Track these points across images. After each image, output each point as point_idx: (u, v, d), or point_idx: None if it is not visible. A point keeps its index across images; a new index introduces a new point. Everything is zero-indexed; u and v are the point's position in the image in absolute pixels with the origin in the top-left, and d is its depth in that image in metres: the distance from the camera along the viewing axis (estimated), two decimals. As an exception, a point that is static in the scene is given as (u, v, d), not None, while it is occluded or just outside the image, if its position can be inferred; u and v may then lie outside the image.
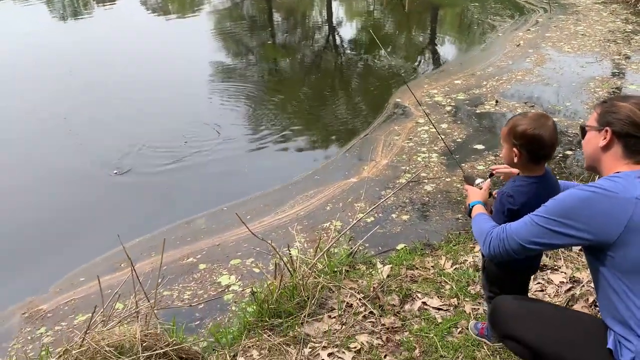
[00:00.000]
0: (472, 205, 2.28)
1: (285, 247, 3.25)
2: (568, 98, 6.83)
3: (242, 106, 7.28)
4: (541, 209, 1.90)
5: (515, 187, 2.18)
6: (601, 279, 1.86)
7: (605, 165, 1.92)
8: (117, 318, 2.79)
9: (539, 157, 2.14)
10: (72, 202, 4.94)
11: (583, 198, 1.79)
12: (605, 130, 1.88)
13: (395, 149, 5.61)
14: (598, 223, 1.75)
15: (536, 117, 2.14)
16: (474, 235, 2.18)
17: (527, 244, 1.90)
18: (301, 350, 2.67)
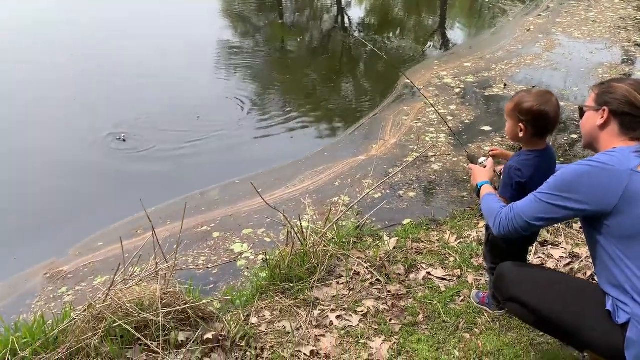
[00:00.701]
0: (480, 185, 2.39)
1: (295, 218, 3.38)
2: (576, 83, 6.89)
3: (251, 86, 7.38)
4: (543, 186, 2.02)
5: (522, 161, 2.30)
6: (598, 248, 1.99)
7: (602, 142, 2.05)
8: (137, 278, 2.93)
9: (542, 131, 2.27)
10: (90, 171, 5.07)
11: (582, 172, 1.92)
12: (602, 109, 2.01)
13: (404, 128, 5.71)
14: (596, 194, 1.88)
15: (541, 93, 2.25)
16: (483, 214, 2.29)
17: (533, 221, 2.02)
18: (311, 312, 2.82)
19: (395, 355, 2.53)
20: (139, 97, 6.79)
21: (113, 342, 2.42)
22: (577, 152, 5.10)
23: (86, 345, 2.41)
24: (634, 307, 1.89)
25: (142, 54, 8.58)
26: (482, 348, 2.55)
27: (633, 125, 1.96)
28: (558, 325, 2.11)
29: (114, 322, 2.46)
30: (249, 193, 4.43)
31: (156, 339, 2.48)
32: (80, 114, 6.26)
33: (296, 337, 2.63)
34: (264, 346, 2.58)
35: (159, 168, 5.10)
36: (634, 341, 1.89)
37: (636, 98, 1.94)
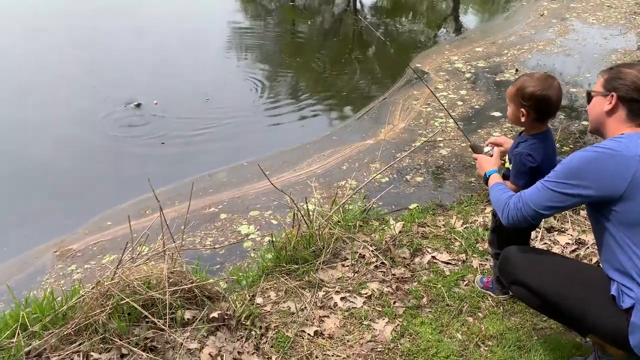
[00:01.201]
0: (489, 174, 2.37)
1: (302, 201, 3.39)
2: (588, 69, 6.81)
3: (260, 69, 7.36)
4: (551, 174, 2.01)
5: (531, 146, 2.28)
6: (605, 234, 1.98)
7: (609, 128, 2.03)
8: (145, 257, 2.97)
9: (544, 116, 2.26)
10: (100, 152, 5.10)
11: (590, 158, 1.91)
12: (611, 95, 1.99)
13: (413, 113, 5.69)
14: (604, 180, 1.87)
15: (543, 78, 2.23)
16: (492, 204, 2.28)
17: (542, 210, 2.02)
18: (315, 293, 2.84)
19: (399, 337, 2.56)
20: (149, 78, 6.80)
21: (120, 319, 2.46)
22: (589, 139, 5.06)
23: (94, 321, 2.45)
24: (639, 292, 1.89)
25: (152, 34, 8.57)
26: (485, 332, 2.57)
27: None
28: (562, 309, 2.12)
29: (121, 300, 2.50)
30: (257, 175, 4.45)
31: (163, 316, 2.52)
32: (91, 94, 6.28)
33: (300, 318, 2.66)
34: (269, 326, 2.61)
35: (168, 150, 5.12)
36: (638, 326, 1.90)
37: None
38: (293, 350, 2.48)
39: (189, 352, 2.44)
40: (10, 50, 7.73)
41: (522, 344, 2.47)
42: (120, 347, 2.41)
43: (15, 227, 3.97)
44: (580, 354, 2.39)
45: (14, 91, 6.39)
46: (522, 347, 2.46)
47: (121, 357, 2.40)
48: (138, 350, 2.40)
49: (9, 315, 2.50)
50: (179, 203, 4.13)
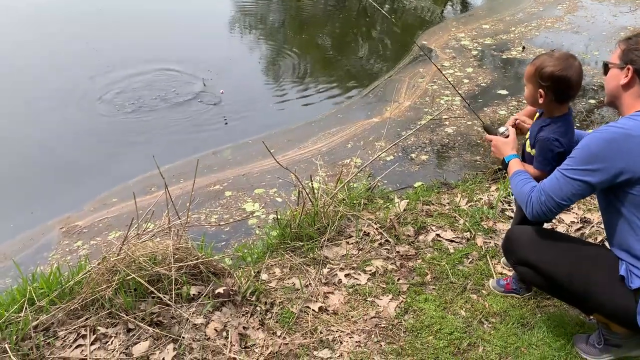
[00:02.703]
0: (508, 160, 2.26)
1: (307, 179, 3.39)
2: (597, 47, 6.72)
3: (265, 46, 7.30)
4: (569, 161, 1.94)
5: (557, 131, 2.18)
6: (616, 216, 1.95)
7: (625, 103, 1.95)
8: (150, 234, 2.98)
9: (564, 97, 2.15)
10: (105, 129, 5.08)
11: (608, 139, 1.84)
12: (627, 68, 1.90)
13: (419, 91, 5.65)
14: (624, 161, 1.82)
15: (563, 57, 2.12)
16: (514, 195, 2.21)
17: (566, 201, 1.95)
18: (320, 270, 2.86)
19: (402, 314, 2.57)
20: (152, 55, 6.75)
21: (126, 294, 2.48)
22: (596, 118, 5.03)
23: (100, 296, 2.48)
24: None
25: (153, 14, 8.49)
26: (489, 309, 2.58)
27: None
28: (569, 289, 2.11)
29: (127, 275, 2.52)
30: (262, 153, 4.44)
31: (168, 292, 2.54)
32: (98, 72, 6.24)
33: (305, 294, 2.68)
34: (274, 301, 2.63)
35: (174, 128, 5.10)
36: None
37: None
38: (298, 326, 2.50)
39: (194, 327, 2.47)
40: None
41: (526, 321, 2.48)
42: (126, 322, 2.44)
43: (22, 205, 3.99)
44: (583, 331, 2.40)
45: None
46: (526, 324, 2.47)
47: (127, 331, 2.43)
48: (144, 325, 2.43)
49: (16, 290, 2.53)
50: (184, 181, 4.13)
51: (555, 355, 2.28)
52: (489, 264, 2.89)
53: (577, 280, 2.07)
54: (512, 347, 2.35)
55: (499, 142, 2.33)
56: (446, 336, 2.42)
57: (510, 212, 3.37)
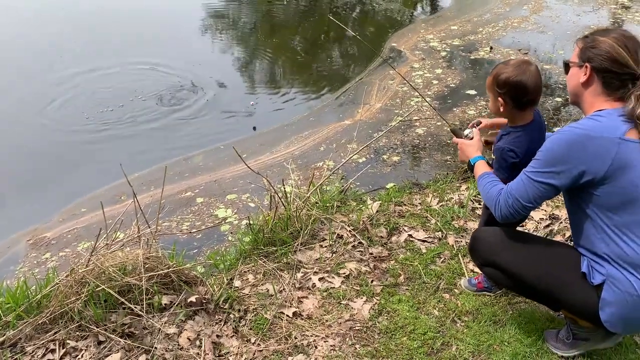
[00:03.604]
0: (474, 162, 2.29)
1: (279, 184, 3.37)
2: (562, 46, 6.87)
3: (236, 49, 7.26)
4: (534, 164, 1.96)
5: (513, 141, 2.19)
6: (580, 215, 1.98)
7: (586, 101, 1.98)
8: (120, 243, 2.94)
9: (523, 103, 2.16)
10: (72, 137, 4.98)
11: (570, 142, 1.86)
12: (585, 66, 1.93)
13: (390, 93, 5.69)
14: (586, 163, 1.84)
15: (518, 63, 2.14)
16: (482, 198, 2.23)
17: (532, 203, 1.98)
18: (294, 274, 2.85)
19: (377, 315, 2.58)
20: (118, 59, 6.65)
21: (96, 306, 2.44)
22: (563, 116, 5.14)
23: (69, 309, 2.42)
24: (609, 268, 1.93)
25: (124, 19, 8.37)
26: (461, 307, 2.61)
27: (616, 83, 1.88)
28: (534, 288, 2.15)
29: (97, 287, 2.47)
30: (234, 158, 4.41)
31: (139, 302, 2.50)
32: (63, 76, 6.12)
33: (279, 299, 2.67)
34: (247, 308, 2.62)
35: (143, 134, 5.03)
36: (608, 302, 1.94)
37: (619, 54, 1.85)
38: (272, 332, 2.49)
39: (167, 336, 2.43)
40: None
41: (498, 319, 2.52)
42: (97, 334, 2.40)
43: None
44: (553, 326, 2.44)
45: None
46: (498, 321, 2.50)
47: (98, 344, 2.39)
48: (115, 336, 2.38)
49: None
50: (155, 188, 4.08)
51: (527, 352, 2.32)
52: (460, 262, 2.93)
53: (542, 279, 2.11)
54: (485, 345, 2.37)
55: (464, 144, 2.36)
56: (420, 336, 2.43)
57: (480, 210, 3.42)
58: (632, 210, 1.84)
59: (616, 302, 1.92)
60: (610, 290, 1.93)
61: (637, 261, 1.87)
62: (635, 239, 1.86)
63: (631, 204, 1.84)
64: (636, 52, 1.86)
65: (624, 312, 1.92)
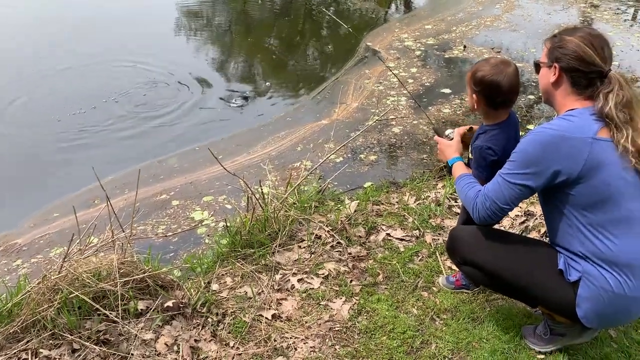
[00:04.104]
0: (451, 163, 2.29)
1: (256, 185, 3.35)
2: (534, 45, 6.97)
3: (211, 50, 7.19)
4: (509, 165, 1.97)
5: (490, 139, 2.20)
6: (555, 214, 2.00)
7: (557, 101, 2.00)
8: (94, 249, 2.87)
9: (496, 103, 2.17)
10: (43, 141, 4.86)
11: (543, 143, 1.87)
12: (554, 66, 1.94)
13: (366, 92, 5.70)
14: (560, 164, 1.85)
15: (496, 63, 2.14)
16: (460, 199, 2.23)
17: (508, 205, 1.99)
18: (272, 276, 2.83)
19: (356, 315, 2.57)
20: (96, 65, 6.53)
21: (70, 313, 2.38)
22: (536, 114, 5.21)
23: (42, 317, 2.36)
24: (585, 265, 1.95)
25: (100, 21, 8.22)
26: (440, 306, 2.62)
27: (584, 82, 1.90)
28: (511, 285, 2.17)
29: (70, 293, 2.41)
30: (210, 160, 4.35)
31: (115, 308, 2.45)
32: (29, 85, 5.97)
33: (258, 302, 2.64)
34: (226, 312, 2.58)
35: (117, 137, 4.94)
36: (584, 298, 1.96)
37: (585, 52, 1.86)
38: (251, 335, 2.46)
39: (144, 342, 2.39)
40: None
41: (476, 316, 2.53)
42: (71, 342, 2.34)
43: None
44: (530, 322, 2.47)
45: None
46: (476, 318, 2.52)
47: (73, 352, 2.33)
48: (90, 344, 2.33)
49: (-52, 316, 2.38)
50: (129, 191, 4.01)
51: (505, 348, 2.34)
52: (438, 260, 2.94)
53: (519, 277, 2.13)
54: (464, 342, 2.39)
55: (444, 144, 2.37)
56: (399, 335, 2.43)
57: (457, 208, 3.44)
58: (606, 208, 1.87)
59: (592, 298, 1.95)
60: (586, 287, 1.95)
61: (611, 258, 1.90)
62: (610, 237, 1.88)
63: (605, 203, 1.86)
64: (603, 50, 1.88)
65: (600, 307, 1.95)
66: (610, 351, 2.32)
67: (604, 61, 1.87)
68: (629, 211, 1.86)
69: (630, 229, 1.88)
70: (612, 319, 2.04)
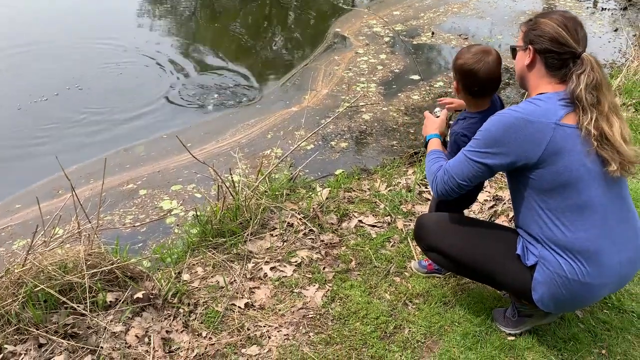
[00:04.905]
0: (428, 138, 2.31)
1: (227, 173, 3.30)
2: (500, 31, 7.05)
3: (176, 37, 7.03)
4: (473, 143, 2.00)
5: (466, 126, 2.21)
6: (519, 196, 2.04)
7: (531, 83, 2.01)
8: (59, 240, 2.79)
9: (473, 92, 2.17)
10: (3, 129, 4.69)
11: (507, 125, 1.89)
12: (528, 49, 1.97)
13: (335, 78, 5.67)
14: (522, 147, 1.88)
15: (477, 51, 2.13)
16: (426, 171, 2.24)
17: (465, 182, 2.02)
18: (245, 265, 2.80)
19: (329, 302, 2.57)
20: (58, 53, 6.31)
21: (35, 307, 2.31)
22: (505, 99, 5.27)
23: (6, 312, 2.28)
24: (541, 250, 1.99)
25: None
26: (412, 290, 2.64)
27: (557, 63, 1.91)
28: (474, 270, 2.22)
29: (35, 287, 2.33)
30: (178, 148, 4.28)
31: (82, 301, 2.39)
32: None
33: (230, 291, 2.61)
34: (197, 302, 2.55)
35: (80, 125, 4.79)
36: (540, 282, 2.01)
37: (559, 34, 1.88)
38: (224, 325, 2.44)
39: (113, 335, 2.34)
40: None
41: (447, 300, 2.56)
42: (37, 337, 2.27)
43: None
44: (500, 305, 2.51)
45: None
46: (448, 302, 2.55)
47: (39, 347, 2.26)
48: (58, 338, 2.27)
49: None
50: (94, 181, 3.91)
51: (476, 331, 2.37)
52: (410, 246, 2.96)
53: (481, 262, 2.17)
54: (436, 326, 2.42)
55: (428, 120, 2.41)
56: (373, 321, 2.45)
57: (428, 194, 3.47)
58: (565, 194, 1.89)
59: (546, 282, 1.99)
60: (542, 271, 1.99)
61: (566, 244, 1.93)
62: (566, 223, 1.91)
63: (564, 189, 1.89)
64: (576, 32, 1.90)
65: (554, 292, 1.98)
66: (578, 331, 2.38)
67: (577, 43, 1.89)
68: (588, 198, 1.89)
69: (587, 217, 1.91)
70: (567, 304, 2.08)
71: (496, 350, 2.29)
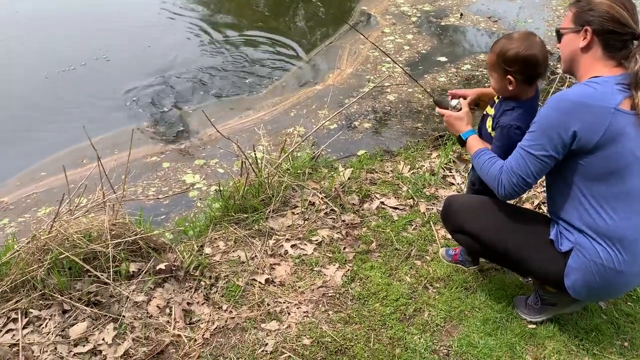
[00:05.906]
0: (466, 137, 2.21)
1: (250, 149, 3.29)
2: (530, 15, 6.88)
3: (201, 9, 6.99)
4: (530, 137, 1.90)
5: (519, 117, 2.09)
6: (559, 182, 1.97)
7: (583, 66, 1.92)
8: (84, 209, 2.82)
9: (532, 78, 2.07)
10: (30, 98, 4.73)
11: (564, 110, 1.82)
12: (585, 29, 1.87)
13: (360, 57, 5.60)
14: (582, 132, 1.79)
15: (524, 36, 2.04)
16: (480, 175, 2.14)
17: (533, 178, 1.94)
18: (266, 241, 2.81)
19: (349, 282, 2.58)
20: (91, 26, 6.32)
21: (60, 274, 2.35)
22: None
23: (32, 277, 2.33)
24: (579, 236, 1.95)
25: None
26: (433, 274, 2.63)
27: (617, 44, 1.84)
28: (504, 254, 2.17)
29: (60, 254, 2.37)
30: (201, 122, 4.29)
31: (106, 270, 2.43)
32: (25, 32, 5.79)
33: (251, 266, 2.63)
34: (219, 275, 2.57)
35: (107, 97, 4.81)
36: (574, 268, 1.97)
37: (619, 13, 1.81)
38: (244, 299, 2.46)
39: (135, 305, 2.37)
40: None
41: (469, 285, 2.55)
42: (61, 303, 2.32)
43: None
44: (522, 292, 2.49)
45: None
46: (469, 288, 2.53)
47: (63, 312, 2.31)
48: (81, 305, 2.31)
49: None
50: (119, 151, 3.93)
51: (497, 317, 2.36)
52: (432, 230, 2.94)
53: (511, 246, 2.13)
54: (456, 310, 2.40)
55: (452, 117, 2.26)
56: (392, 302, 2.44)
57: (451, 178, 3.43)
58: (611, 181, 1.85)
59: (581, 269, 1.96)
60: (577, 257, 1.96)
61: (606, 232, 1.90)
62: (608, 211, 1.88)
63: (613, 175, 1.84)
64: (634, 11, 1.84)
65: (588, 279, 1.96)
66: (600, 322, 2.36)
67: (636, 23, 1.83)
68: (632, 186, 1.85)
69: (630, 205, 1.88)
70: (600, 292, 2.04)
71: (516, 337, 2.27)
